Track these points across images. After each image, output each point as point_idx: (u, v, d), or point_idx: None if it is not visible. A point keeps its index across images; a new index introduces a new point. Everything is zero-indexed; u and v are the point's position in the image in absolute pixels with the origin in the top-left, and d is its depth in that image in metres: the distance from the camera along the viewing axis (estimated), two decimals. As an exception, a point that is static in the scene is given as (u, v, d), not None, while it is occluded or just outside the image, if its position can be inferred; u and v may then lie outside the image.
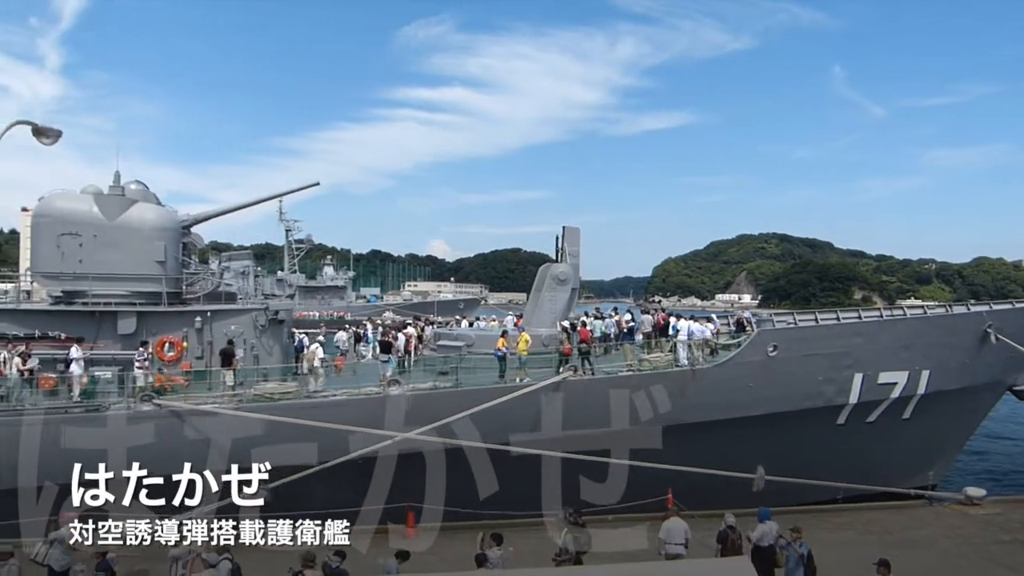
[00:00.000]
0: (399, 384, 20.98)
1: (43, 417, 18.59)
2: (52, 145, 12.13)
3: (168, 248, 23.88)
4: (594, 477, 20.11)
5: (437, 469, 19.75)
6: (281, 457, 18.95)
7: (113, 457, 18.60)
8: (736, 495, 19.91)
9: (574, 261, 26.83)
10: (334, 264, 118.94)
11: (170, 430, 18.97)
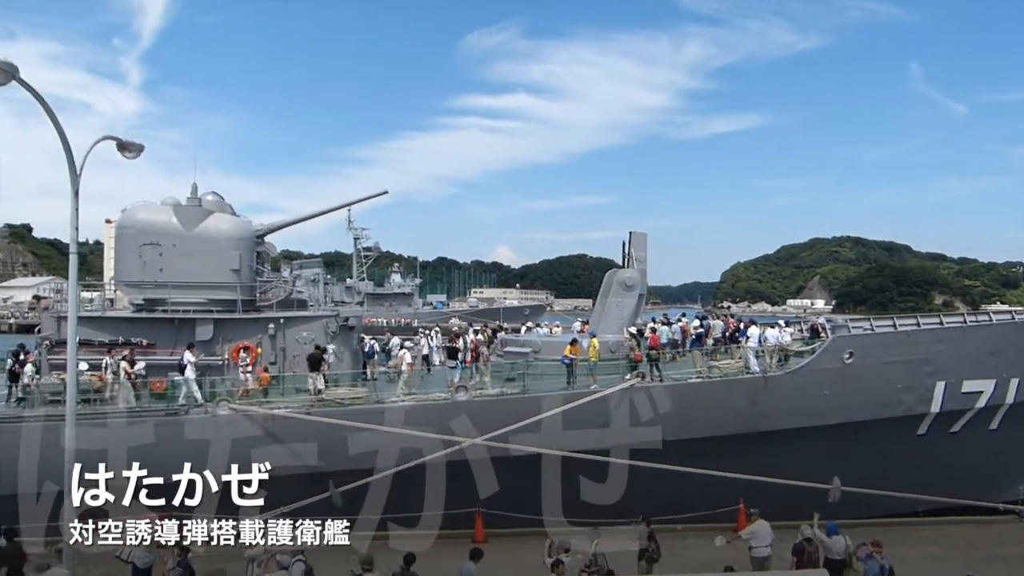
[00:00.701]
0: (466, 390, 21.10)
1: (126, 420, 19.36)
2: (135, 159, 12.58)
3: (243, 257, 24.53)
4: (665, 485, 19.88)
5: (504, 475, 19.80)
6: (350, 461, 19.32)
7: (193, 459, 19.28)
8: (809, 506, 19.36)
9: (641, 266, 26.56)
10: (401, 271, 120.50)
11: (245, 433, 19.47)
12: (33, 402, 20.12)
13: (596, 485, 20.23)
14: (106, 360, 20.70)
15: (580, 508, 19.75)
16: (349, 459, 19.40)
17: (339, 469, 19.22)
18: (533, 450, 19.61)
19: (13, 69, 9.22)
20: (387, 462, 19.11)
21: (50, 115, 9.97)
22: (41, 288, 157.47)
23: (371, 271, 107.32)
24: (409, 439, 19.21)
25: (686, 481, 19.81)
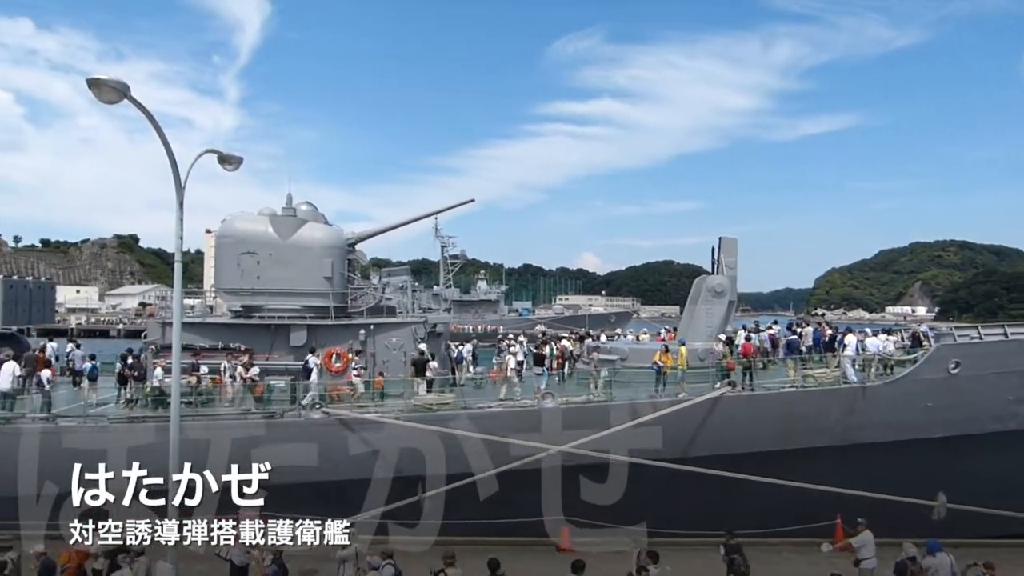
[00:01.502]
0: (553, 397, 21.08)
1: (229, 422, 20.14)
2: (234, 171, 13.10)
3: (335, 265, 25.22)
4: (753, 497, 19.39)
5: (591, 482, 19.66)
6: (438, 466, 19.54)
7: (281, 460, 19.89)
8: (910, 523, 18.49)
9: (731, 273, 25.97)
10: (487, 278, 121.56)
11: (336, 437, 19.98)
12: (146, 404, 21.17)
13: (688, 495, 19.96)
14: (224, 364, 21.64)
15: (670, 518, 19.49)
16: (435, 463, 19.62)
17: (426, 473, 19.49)
18: (621, 458, 19.42)
19: (125, 88, 9.73)
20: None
21: (158, 131, 10.48)
22: (147, 295, 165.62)
23: (457, 278, 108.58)
24: (495, 445, 19.31)
25: (778, 493, 19.25)
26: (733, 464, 19.50)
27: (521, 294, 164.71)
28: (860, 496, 18.85)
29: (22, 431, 19.93)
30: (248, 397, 20.89)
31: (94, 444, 19.74)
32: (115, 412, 20.82)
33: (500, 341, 29.79)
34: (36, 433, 19.93)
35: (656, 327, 38.39)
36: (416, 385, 21.66)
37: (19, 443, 19.75)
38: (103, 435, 19.91)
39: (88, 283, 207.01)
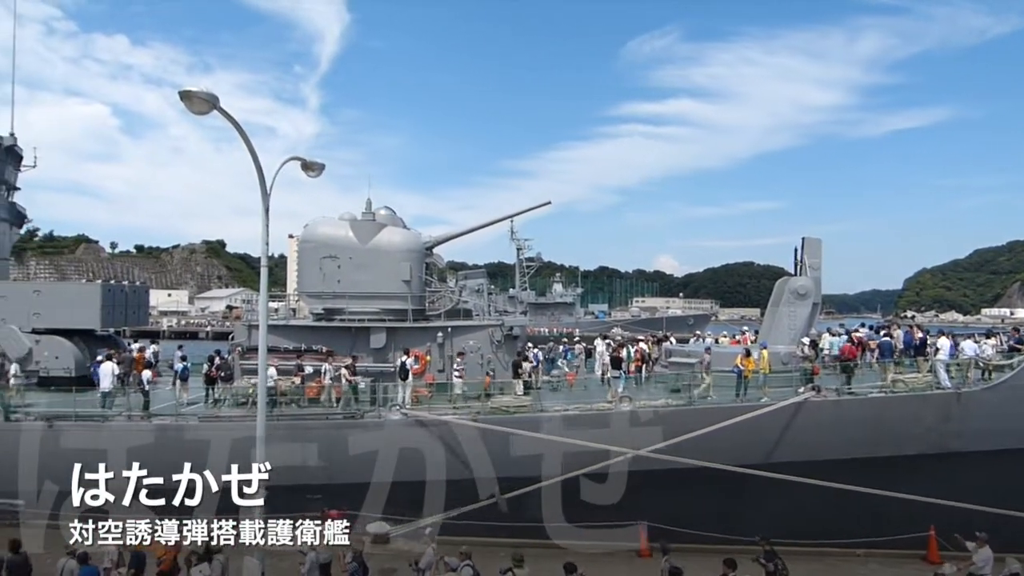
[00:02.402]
0: (630, 400, 20.86)
1: (325, 422, 20.71)
2: (316, 177, 13.43)
3: (413, 268, 25.60)
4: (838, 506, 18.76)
5: (668, 488, 19.37)
6: (514, 468, 19.59)
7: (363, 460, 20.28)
8: (1010, 536, 17.55)
9: (815, 274, 25.19)
10: (563, 281, 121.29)
11: (415, 439, 20.24)
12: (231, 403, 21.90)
13: (769, 502, 19.46)
14: (325, 366, 22.20)
15: (748, 525, 19.02)
16: (513, 466, 19.71)
17: (502, 475, 19.56)
18: (699, 463, 19.10)
19: (214, 99, 10.08)
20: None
21: (246, 142, 10.83)
22: (233, 299, 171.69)
23: (533, 281, 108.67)
24: (571, 448, 19.22)
25: (865, 502, 18.59)
26: (816, 471, 18.90)
27: (597, 297, 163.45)
28: (955, 507, 18.04)
29: (118, 428, 20.88)
30: (352, 398, 21.29)
31: (185, 442, 20.62)
32: (204, 411, 21.57)
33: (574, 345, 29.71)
34: (130, 431, 20.88)
35: (735, 330, 37.52)
36: (514, 386, 21.83)
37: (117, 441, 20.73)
38: (193, 433, 20.70)
39: (179, 287, 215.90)
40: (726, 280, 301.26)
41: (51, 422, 20.85)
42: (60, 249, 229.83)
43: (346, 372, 21.50)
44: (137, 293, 29.59)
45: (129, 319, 28.53)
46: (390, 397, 21.38)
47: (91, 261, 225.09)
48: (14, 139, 33.17)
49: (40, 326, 25.58)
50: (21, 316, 25.55)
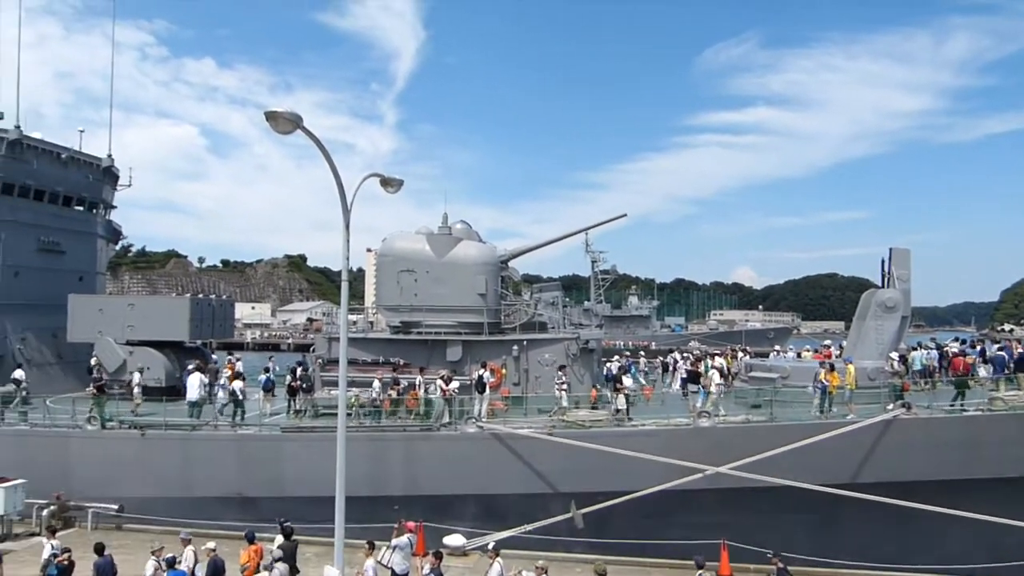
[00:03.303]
0: (709, 416, 20.44)
1: (403, 434, 20.98)
2: (395, 193, 13.65)
3: (489, 281, 25.75)
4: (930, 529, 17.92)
5: (748, 506, 18.89)
6: (591, 483, 19.41)
7: (440, 473, 20.43)
8: None
9: (904, 286, 24.21)
10: (639, 294, 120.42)
11: (490, 451, 20.29)
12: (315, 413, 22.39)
13: (854, 524, 18.76)
14: (418, 379, 22.54)
15: (831, 547, 18.37)
16: (588, 481, 19.54)
17: (578, 491, 19.40)
18: (781, 482, 18.55)
19: (298, 119, 10.37)
20: (627, 487, 18.98)
21: (328, 160, 11.10)
22: (314, 311, 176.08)
23: (608, 294, 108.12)
24: (649, 464, 18.94)
25: (960, 526, 17.67)
26: (906, 492, 18.11)
27: (673, 309, 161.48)
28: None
29: (205, 438, 21.63)
30: (445, 410, 21.46)
31: (267, 451, 21.21)
32: (286, 422, 22.12)
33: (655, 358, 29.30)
34: (217, 440, 21.59)
35: (818, 344, 36.40)
36: (614, 399, 21.61)
37: (206, 449, 21.47)
38: (274, 443, 21.27)
39: (262, 300, 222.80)
40: (808, 292, 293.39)
41: (143, 431, 21.72)
42: (152, 264, 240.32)
43: (442, 383, 21.71)
44: (223, 306, 30.64)
45: (216, 331, 29.56)
46: (466, 410, 21.47)
47: (180, 275, 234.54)
48: (111, 161, 34.95)
49: (134, 338, 26.72)
50: (117, 328, 26.75)
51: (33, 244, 30.88)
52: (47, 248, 31.49)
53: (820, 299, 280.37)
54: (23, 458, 21.48)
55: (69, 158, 32.36)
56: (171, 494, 20.83)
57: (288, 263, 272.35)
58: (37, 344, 30.22)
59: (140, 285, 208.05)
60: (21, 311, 29.88)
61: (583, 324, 53.83)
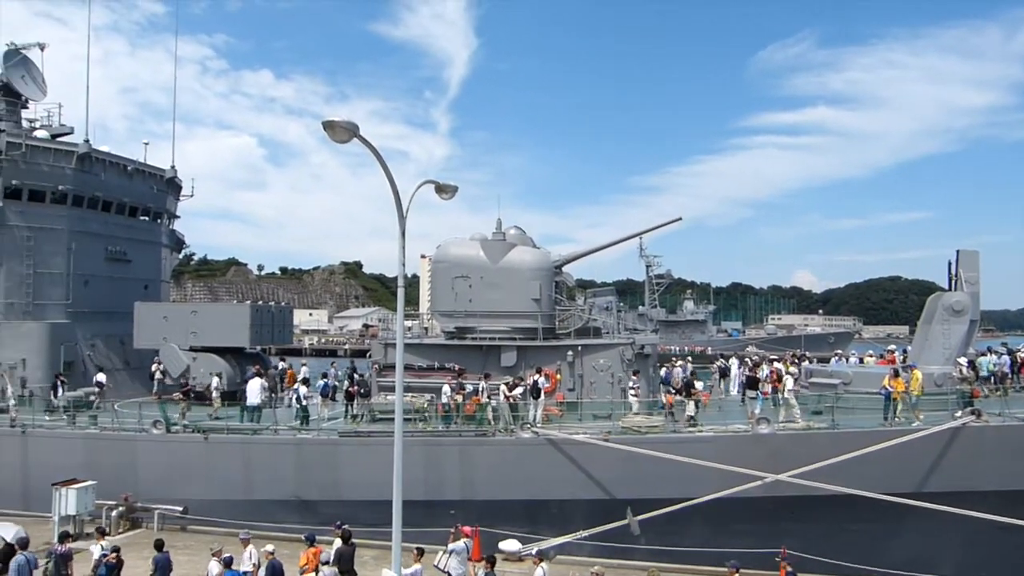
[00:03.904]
0: (768, 423, 20.05)
1: (459, 439, 21.11)
2: (449, 199, 13.75)
3: (543, 287, 25.75)
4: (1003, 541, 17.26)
5: (809, 514, 18.48)
6: (647, 490, 19.23)
7: (495, 478, 20.45)
8: None
9: (972, 289, 23.42)
10: (694, 298, 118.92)
11: (545, 456, 20.24)
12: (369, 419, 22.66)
13: (920, 534, 18.19)
14: (482, 384, 22.70)
15: (897, 557, 17.86)
16: (644, 487, 19.35)
17: (634, 497, 19.24)
18: (843, 490, 18.11)
19: (354, 128, 10.52)
20: (684, 493, 18.76)
21: (384, 168, 11.24)
22: (369, 317, 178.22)
23: (663, 298, 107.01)
24: (706, 471, 18.68)
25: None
26: (976, 503, 17.48)
27: (730, 314, 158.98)
28: None
29: (268, 441, 22.04)
30: (509, 415, 21.51)
31: (325, 456, 21.53)
32: (343, 427, 22.43)
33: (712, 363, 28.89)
34: (277, 444, 21.99)
35: (881, 349, 35.42)
36: (687, 405, 21.45)
37: (266, 453, 21.89)
38: (332, 447, 21.57)
39: (319, 307, 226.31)
40: (870, 296, 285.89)
41: (206, 435, 22.26)
42: (213, 272, 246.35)
43: (505, 389, 21.78)
44: (282, 313, 31.25)
45: (275, 337, 30.16)
46: (521, 415, 21.47)
47: (240, 283, 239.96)
48: (174, 172, 36.03)
49: (197, 344, 27.43)
50: (180, 335, 27.49)
51: (102, 254, 31.98)
52: (115, 257, 32.59)
53: (883, 303, 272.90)
54: (93, 460, 22.23)
55: (135, 170, 33.46)
56: (233, 497, 21.30)
57: (344, 270, 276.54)
58: (106, 350, 31.24)
59: (202, 292, 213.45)
60: (91, 318, 30.96)
61: (638, 329, 53.36)
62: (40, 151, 29.75)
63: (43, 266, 29.87)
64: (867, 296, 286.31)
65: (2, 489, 23.32)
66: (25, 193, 29.37)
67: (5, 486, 23.35)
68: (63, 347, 29.16)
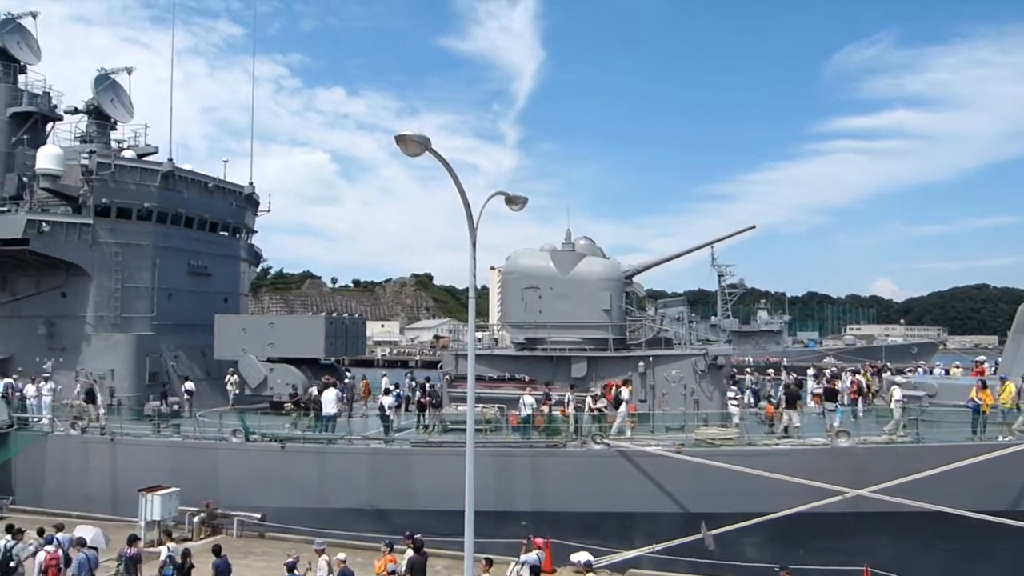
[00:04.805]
0: (848, 435, 19.41)
1: (529, 450, 21.07)
2: (519, 211, 13.78)
3: (613, 297, 25.60)
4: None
5: (892, 532, 17.82)
6: (722, 504, 18.83)
7: (566, 489, 20.33)
8: None
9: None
10: (768, 308, 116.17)
11: (616, 468, 20.04)
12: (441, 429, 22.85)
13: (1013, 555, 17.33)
14: (567, 395, 22.74)
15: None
16: (718, 501, 18.96)
17: (708, 511, 18.86)
18: (929, 507, 17.38)
19: (426, 141, 10.66)
20: (760, 508, 18.30)
21: (455, 180, 11.35)
22: (440, 328, 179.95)
23: (736, 308, 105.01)
24: (783, 485, 18.18)
25: None
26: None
27: (806, 324, 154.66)
28: None
29: (342, 451, 22.43)
30: (592, 426, 21.48)
31: (397, 466, 21.77)
32: (415, 437, 22.66)
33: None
34: (351, 453, 22.35)
35: (968, 360, 33.95)
36: (788, 417, 20.87)
37: (341, 462, 22.27)
38: (404, 457, 21.81)
39: (390, 318, 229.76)
40: (955, 305, 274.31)
41: (283, 444, 22.79)
42: (289, 285, 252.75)
43: (590, 401, 21.74)
44: (356, 324, 31.85)
45: (349, 349, 30.74)
46: (591, 427, 21.31)
47: (315, 295, 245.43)
48: (252, 188, 37.21)
49: (274, 355, 28.15)
50: (258, 346, 28.27)
51: (184, 268, 33.21)
52: (196, 272, 33.79)
53: (969, 312, 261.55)
54: (176, 468, 23.00)
55: (215, 187, 34.68)
56: (309, 505, 21.73)
57: (415, 282, 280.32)
58: (188, 361, 32.36)
59: (278, 305, 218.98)
60: (174, 330, 32.13)
61: (710, 340, 52.55)
62: (127, 170, 31.11)
63: (130, 280, 31.17)
64: (952, 305, 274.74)
65: (93, 494, 24.38)
66: (114, 211, 30.70)
67: (96, 491, 24.40)
68: (148, 358, 30.36)
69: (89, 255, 30.24)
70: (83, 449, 25.02)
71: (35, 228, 28.73)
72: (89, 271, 30.29)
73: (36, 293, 31.02)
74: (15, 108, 33.38)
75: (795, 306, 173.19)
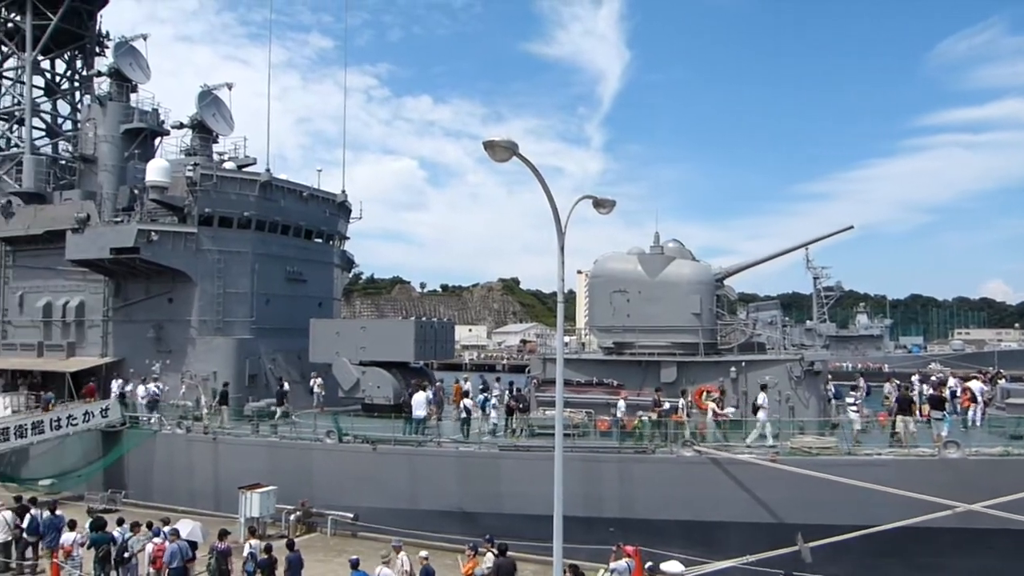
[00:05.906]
0: (957, 446, 18.40)
1: (617, 456, 20.90)
2: (607, 215, 13.65)
3: (703, 301, 25.06)
4: None
5: (1007, 550, 16.77)
6: (819, 515, 18.14)
7: (655, 496, 20.01)
8: None
9: None
10: (868, 311, 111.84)
11: (707, 475, 19.60)
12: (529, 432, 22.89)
13: None
14: (681, 402, 22.56)
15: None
16: (816, 512, 18.28)
17: (805, 522, 18.19)
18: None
19: (513, 146, 10.68)
20: (860, 520, 17.53)
21: (542, 184, 11.33)
22: (527, 333, 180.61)
23: (833, 312, 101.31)
24: (886, 498, 17.37)
25: None
26: None
27: (909, 328, 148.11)
28: None
29: (432, 453, 22.73)
30: (717, 432, 21.32)
31: (485, 469, 21.90)
32: (503, 441, 22.75)
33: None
34: (440, 456, 22.61)
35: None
36: (905, 424, 19.96)
37: (430, 464, 22.56)
38: (492, 461, 21.90)
39: (478, 322, 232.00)
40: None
41: (375, 445, 23.25)
42: (379, 290, 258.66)
43: (713, 406, 21.45)
44: (444, 328, 32.22)
45: (438, 352, 31.14)
46: (681, 432, 20.93)
47: (404, 300, 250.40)
48: (345, 196, 38.26)
49: (365, 358, 28.79)
50: (351, 350, 28.96)
51: (281, 274, 34.38)
52: (292, 277, 34.93)
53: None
54: (274, 467, 23.81)
55: (310, 195, 35.82)
56: (399, 506, 22.12)
57: (502, 286, 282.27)
58: (284, 364, 33.44)
59: (369, 309, 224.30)
60: (272, 334, 33.30)
61: (805, 345, 50.91)
62: (228, 181, 32.48)
63: (231, 286, 32.48)
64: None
65: (197, 490, 25.50)
66: (216, 219, 32.11)
67: (200, 487, 25.53)
68: (248, 361, 31.59)
69: (193, 262, 31.72)
70: (188, 447, 26.22)
71: (145, 237, 30.36)
72: (193, 277, 31.75)
73: (146, 299, 32.77)
74: (127, 125, 35.63)
75: (897, 309, 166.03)
